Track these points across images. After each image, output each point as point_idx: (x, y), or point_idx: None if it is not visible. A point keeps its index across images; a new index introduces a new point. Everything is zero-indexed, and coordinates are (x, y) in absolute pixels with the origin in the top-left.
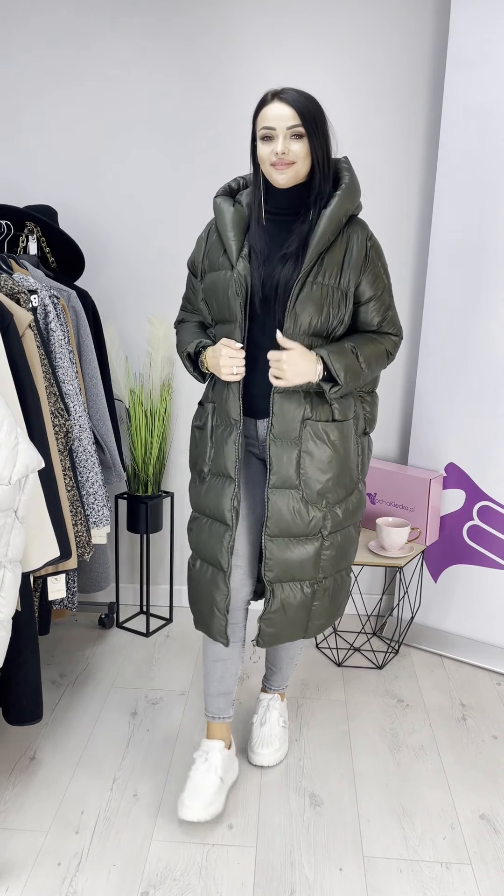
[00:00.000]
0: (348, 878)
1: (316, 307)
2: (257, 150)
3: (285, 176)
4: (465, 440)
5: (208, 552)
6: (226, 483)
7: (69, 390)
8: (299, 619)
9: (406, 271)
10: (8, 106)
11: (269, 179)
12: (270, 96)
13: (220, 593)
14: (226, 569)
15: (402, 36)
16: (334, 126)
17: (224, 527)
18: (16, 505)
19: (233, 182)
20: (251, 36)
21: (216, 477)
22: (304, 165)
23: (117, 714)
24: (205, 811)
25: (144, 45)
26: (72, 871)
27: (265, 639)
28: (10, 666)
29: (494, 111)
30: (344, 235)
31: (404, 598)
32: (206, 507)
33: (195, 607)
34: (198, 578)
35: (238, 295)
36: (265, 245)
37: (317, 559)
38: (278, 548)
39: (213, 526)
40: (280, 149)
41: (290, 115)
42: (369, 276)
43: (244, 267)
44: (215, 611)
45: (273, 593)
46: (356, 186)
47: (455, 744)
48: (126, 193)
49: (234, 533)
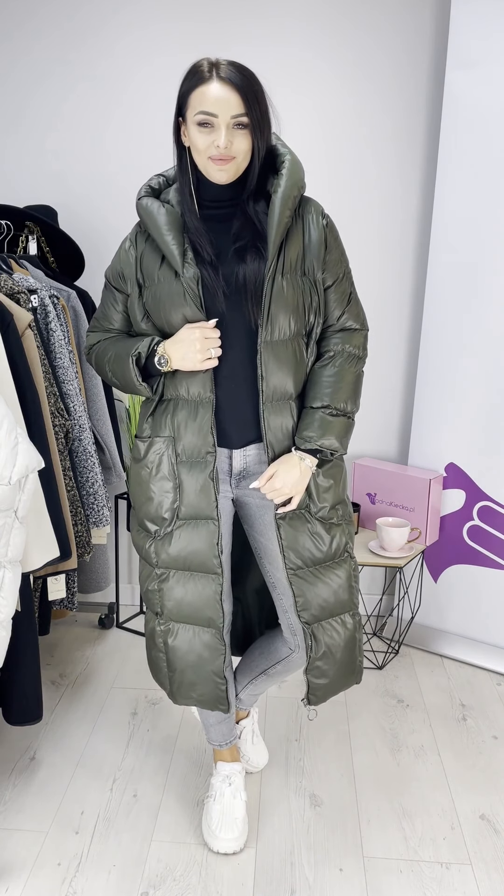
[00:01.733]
0: (348, 879)
1: (290, 304)
2: (190, 134)
3: (226, 173)
4: (465, 440)
5: (195, 612)
6: (207, 525)
7: (69, 390)
8: (349, 659)
9: (406, 271)
10: (8, 106)
11: (202, 171)
12: (208, 71)
13: (216, 653)
14: (221, 625)
15: (402, 36)
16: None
17: (212, 576)
18: (16, 505)
19: (153, 182)
20: (251, 36)
21: (189, 521)
22: (244, 159)
23: (117, 714)
24: (239, 841)
25: (145, 45)
26: (72, 872)
27: (318, 694)
28: (9, 666)
29: (494, 111)
30: (298, 217)
31: (404, 599)
32: (180, 559)
33: (177, 677)
34: (180, 647)
35: (192, 303)
36: (210, 242)
37: (349, 584)
38: (308, 582)
39: (196, 580)
40: (223, 142)
41: (236, 102)
42: (328, 259)
43: (194, 273)
44: (213, 677)
45: (315, 637)
46: (298, 162)
47: (455, 744)
48: (126, 193)
49: (222, 580)
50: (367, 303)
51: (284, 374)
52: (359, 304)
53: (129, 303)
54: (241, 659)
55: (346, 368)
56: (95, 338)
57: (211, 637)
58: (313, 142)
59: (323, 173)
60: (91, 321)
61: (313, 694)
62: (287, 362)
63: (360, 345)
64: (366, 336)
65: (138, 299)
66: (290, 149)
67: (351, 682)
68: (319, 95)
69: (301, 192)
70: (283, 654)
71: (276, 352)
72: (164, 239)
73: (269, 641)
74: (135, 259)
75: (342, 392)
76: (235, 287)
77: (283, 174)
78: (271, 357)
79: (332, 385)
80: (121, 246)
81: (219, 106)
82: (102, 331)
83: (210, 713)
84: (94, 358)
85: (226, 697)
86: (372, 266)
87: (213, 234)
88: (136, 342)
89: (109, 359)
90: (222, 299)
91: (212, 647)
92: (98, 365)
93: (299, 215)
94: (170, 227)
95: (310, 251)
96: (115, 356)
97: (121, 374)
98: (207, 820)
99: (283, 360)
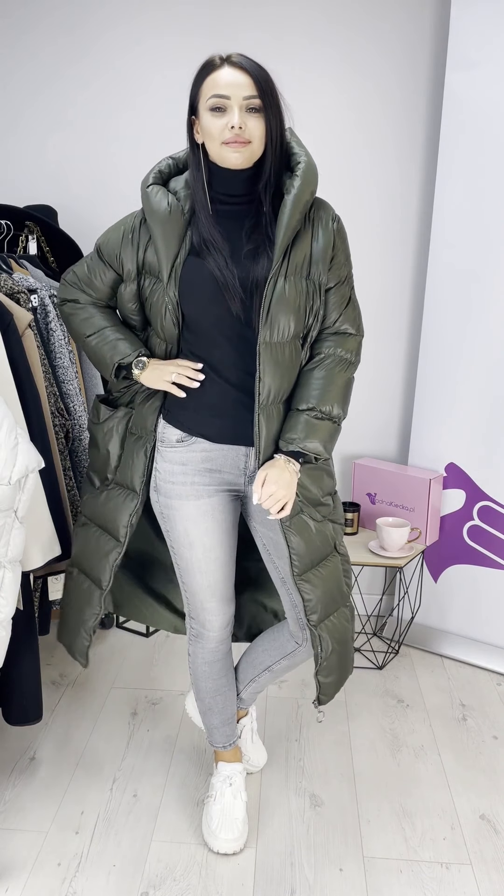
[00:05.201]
0: (348, 879)
1: (292, 307)
2: (203, 124)
3: (242, 155)
4: (465, 440)
5: (90, 565)
6: (128, 497)
7: (69, 390)
8: (348, 652)
9: (406, 271)
10: (8, 105)
11: (217, 160)
12: (219, 60)
13: (92, 611)
14: (104, 587)
15: (402, 36)
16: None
17: (114, 542)
18: (16, 505)
19: (163, 165)
20: (251, 36)
21: (119, 487)
22: (259, 146)
23: (117, 714)
24: (239, 841)
25: (147, 45)
26: (72, 872)
27: (328, 693)
28: (10, 666)
29: (494, 112)
30: (308, 220)
31: (404, 599)
32: (100, 517)
33: (63, 618)
34: (72, 589)
35: (175, 325)
36: (223, 238)
37: (340, 577)
38: (312, 584)
39: (103, 539)
40: (237, 122)
41: (247, 83)
42: (333, 262)
43: (174, 292)
44: (81, 630)
45: (321, 638)
46: (314, 165)
47: (455, 744)
48: (126, 193)
49: (122, 550)
50: (367, 303)
51: (281, 375)
52: (357, 309)
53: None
54: (242, 656)
55: (335, 372)
56: (74, 294)
57: (95, 596)
58: (313, 142)
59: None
60: (69, 271)
61: (324, 694)
62: (283, 364)
63: (353, 350)
64: (360, 342)
65: (133, 283)
66: (306, 149)
67: (349, 672)
68: (319, 97)
69: (313, 195)
70: (289, 650)
71: (275, 353)
72: (157, 244)
73: (273, 637)
74: (137, 244)
75: (330, 395)
76: (249, 289)
77: (297, 175)
78: (270, 359)
79: (320, 388)
80: (123, 222)
81: (231, 88)
82: (83, 292)
83: (213, 716)
84: (68, 315)
85: (85, 651)
86: (372, 266)
87: (224, 230)
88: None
89: (92, 336)
90: (237, 300)
91: (90, 605)
92: (72, 324)
93: (310, 218)
94: (165, 229)
95: (316, 254)
96: (101, 342)
97: (97, 359)
98: (207, 820)
99: (280, 362)
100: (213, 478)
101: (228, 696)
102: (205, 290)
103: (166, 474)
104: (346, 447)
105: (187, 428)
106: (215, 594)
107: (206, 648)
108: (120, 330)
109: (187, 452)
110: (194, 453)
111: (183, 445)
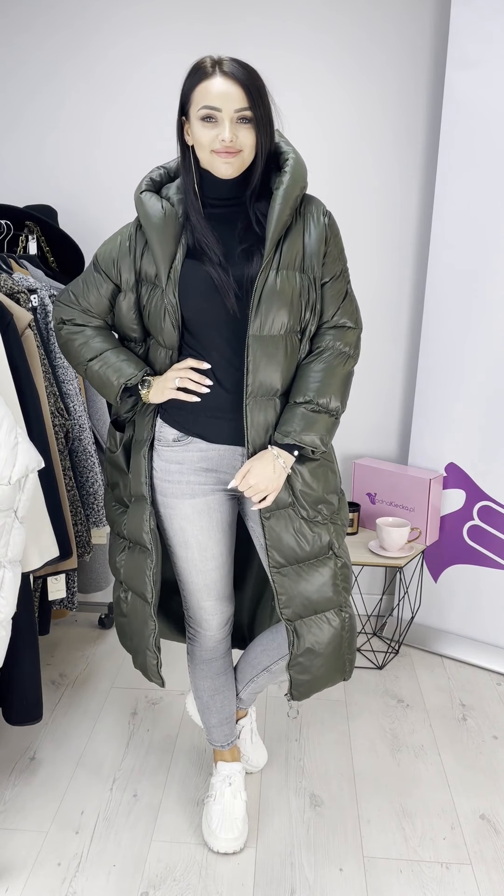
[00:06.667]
0: (348, 879)
1: (285, 301)
2: (194, 130)
3: (232, 166)
4: (465, 440)
5: (135, 583)
6: (141, 503)
7: (69, 390)
8: (335, 657)
9: (406, 271)
10: (8, 106)
11: (207, 167)
12: (211, 67)
13: (148, 629)
14: (150, 599)
15: (402, 36)
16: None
17: (146, 552)
18: (16, 505)
19: (154, 174)
20: (251, 37)
21: (135, 497)
22: (250, 155)
23: (117, 714)
24: (239, 841)
25: (147, 44)
26: (72, 872)
27: (301, 690)
28: (10, 666)
29: (495, 111)
30: (299, 215)
31: (404, 599)
32: (131, 532)
33: (128, 644)
34: (129, 613)
35: (175, 328)
36: (217, 241)
37: (335, 582)
38: (290, 580)
39: (137, 553)
40: (227, 136)
41: (239, 95)
42: (327, 255)
43: (173, 294)
44: (146, 651)
45: (297, 633)
46: (302, 161)
47: (455, 744)
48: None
49: (154, 558)
50: (367, 302)
51: (273, 369)
52: (354, 303)
53: (118, 297)
54: (240, 657)
55: (334, 365)
56: (71, 314)
57: (147, 612)
58: (313, 142)
59: (323, 173)
60: (65, 291)
61: (296, 689)
62: (276, 358)
63: (352, 343)
64: (359, 335)
65: (132, 292)
66: (293, 147)
67: (337, 679)
68: (319, 96)
69: (303, 190)
70: (287, 650)
71: (266, 346)
72: (154, 248)
73: (272, 637)
74: (134, 252)
75: (328, 388)
76: (244, 287)
77: (286, 171)
78: (260, 351)
79: (318, 380)
80: (120, 233)
81: (222, 100)
82: (81, 310)
83: (211, 715)
84: (67, 340)
85: (157, 671)
86: (372, 266)
87: (219, 235)
88: (126, 362)
89: (94, 360)
90: (232, 297)
91: (146, 623)
92: (71, 350)
93: (301, 213)
94: (161, 232)
95: (310, 248)
96: (104, 366)
97: (100, 383)
98: (207, 820)
99: (273, 356)
100: (210, 477)
101: (227, 695)
102: (202, 291)
103: (162, 473)
104: (346, 447)
105: (184, 428)
106: (212, 593)
107: (204, 647)
108: (122, 352)
109: (184, 452)
110: (191, 453)
111: (179, 445)
